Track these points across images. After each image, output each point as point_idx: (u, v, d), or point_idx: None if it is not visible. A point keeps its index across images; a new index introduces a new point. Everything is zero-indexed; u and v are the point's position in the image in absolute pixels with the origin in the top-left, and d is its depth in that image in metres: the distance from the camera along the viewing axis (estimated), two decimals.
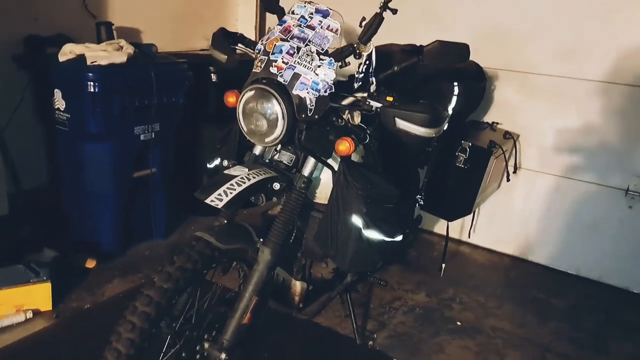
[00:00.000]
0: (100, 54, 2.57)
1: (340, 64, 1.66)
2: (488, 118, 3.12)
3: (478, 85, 2.60)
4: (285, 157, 1.80)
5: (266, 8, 1.92)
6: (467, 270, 3.11)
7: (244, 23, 3.98)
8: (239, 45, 1.89)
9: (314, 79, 1.59)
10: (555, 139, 3.00)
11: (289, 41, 1.63)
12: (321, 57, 1.60)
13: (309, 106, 1.61)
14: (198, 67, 3.07)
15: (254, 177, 1.62)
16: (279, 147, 1.79)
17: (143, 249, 2.97)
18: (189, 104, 2.97)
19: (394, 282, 2.84)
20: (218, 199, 1.52)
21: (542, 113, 3.01)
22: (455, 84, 2.35)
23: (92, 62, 2.52)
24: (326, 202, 1.79)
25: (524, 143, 3.09)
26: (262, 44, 1.68)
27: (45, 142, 2.87)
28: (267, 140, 1.65)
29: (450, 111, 2.38)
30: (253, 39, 3.88)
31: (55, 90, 2.62)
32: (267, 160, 1.82)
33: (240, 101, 1.66)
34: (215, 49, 1.89)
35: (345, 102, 1.74)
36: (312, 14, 1.65)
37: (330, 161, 1.75)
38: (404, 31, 3.25)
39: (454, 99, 2.35)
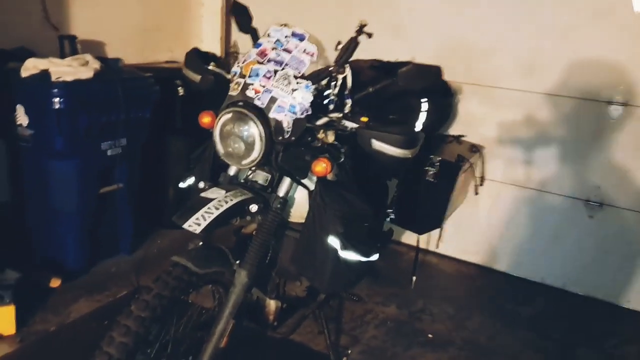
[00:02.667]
0: (66, 70, 2.51)
1: (316, 86, 1.67)
2: (454, 131, 3.19)
3: (445, 100, 2.65)
4: (261, 177, 1.79)
5: (240, 29, 1.91)
6: (436, 281, 3.17)
7: (208, 35, 3.95)
8: (212, 65, 1.88)
9: (291, 102, 1.59)
10: (518, 151, 3.10)
11: (265, 64, 1.63)
12: (298, 80, 1.61)
13: (286, 128, 1.61)
14: (164, 81, 3.03)
15: (231, 200, 1.61)
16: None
17: (109, 266, 2.91)
18: (155, 118, 2.93)
19: (364, 295, 2.86)
20: (196, 223, 1.51)
21: (505, 126, 3.10)
22: (424, 100, 2.39)
23: (57, 78, 2.46)
24: (301, 221, 1.79)
25: (488, 155, 3.17)
26: (238, 67, 1.68)
27: (6, 158, 2.78)
28: (244, 162, 1.64)
29: (419, 127, 2.41)
30: (218, 51, 3.91)
31: (18, 105, 2.55)
32: (242, 180, 1.81)
33: (217, 123, 1.65)
34: (188, 68, 1.88)
35: (320, 122, 1.76)
36: (288, 37, 1.66)
37: (305, 181, 1.76)
38: (372, 45, 3.30)
39: (423, 115, 2.39)
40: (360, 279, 1.87)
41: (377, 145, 1.68)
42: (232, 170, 1.81)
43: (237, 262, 1.71)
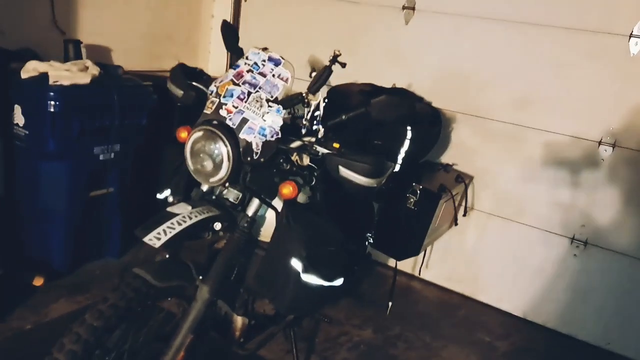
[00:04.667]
0: (64, 74, 2.58)
1: (290, 111, 1.71)
2: (445, 159, 3.21)
3: (432, 129, 2.68)
4: (232, 195, 1.83)
5: (226, 47, 1.96)
6: (417, 308, 3.16)
7: (216, 47, 4.02)
8: (195, 82, 1.93)
9: (262, 124, 1.63)
10: (507, 183, 3.10)
11: (240, 86, 1.67)
12: (270, 104, 1.65)
13: (255, 150, 1.65)
14: (166, 89, 3.08)
15: (195, 217, 1.65)
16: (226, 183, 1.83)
17: (94, 268, 2.96)
18: (152, 126, 2.98)
19: (342, 317, 2.87)
20: (156, 237, 1.54)
21: (496, 157, 3.11)
22: (409, 128, 2.41)
23: (54, 82, 2.53)
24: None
25: (478, 185, 3.18)
26: (215, 86, 1.72)
27: (2, 156, 2.84)
28: (211, 180, 1.68)
29: (403, 154, 2.44)
30: (224, 64, 3.96)
31: (15, 105, 2.63)
32: (214, 197, 1.84)
33: (188, 140, 1.69)
34: (172, 83, 1.93)
35: (294, 145, 1.79)
36: (264, 61, 1.70)
37: (275, 202, 1.79)
38: (370, 69, 3.36)
39: (407, 142, 2.42)
40: (324, 303, 1.90)
41: (344, 172, 1.71)
42: (205, 186, 1.85)
43: (200, 277, 1.74)
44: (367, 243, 2.53)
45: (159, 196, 1.97)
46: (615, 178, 2.79)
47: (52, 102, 2.51)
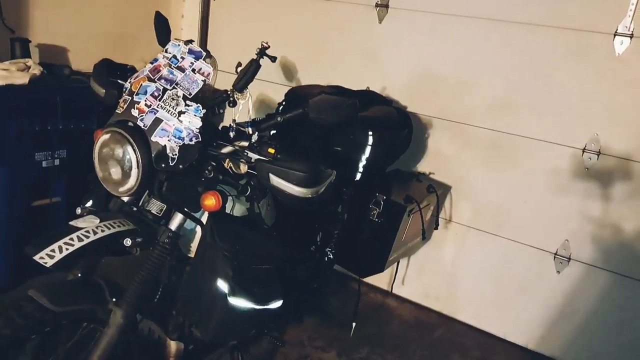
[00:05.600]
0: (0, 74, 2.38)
1: (213, 111, 1.50)
2: (421, 167, 3.00)
3: (398, 134, 2.45)
4: (155, 207, 1.61)
5: (160, 43, 1.76)
6: (389, 327, 2.93)
7: None
8: (122, 79, 1.72)
9: (177, 125, 1.42)
10: (487, 193, 2.88)
11: (155, 82, 1.47)
12: (187, 102, 1.44)
13: (170, 155, 1.44)
14: None
15: (102, 231, 1.44)
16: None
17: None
18: None
19: (305, 337, 2.65)
20: (49, 256, 1.34)
21: (475, 166, 2.89)
22: (370, 132, 2.20)
23: None
24: None
25: (456, 195, 2.96)
26: (129, 83, 1.51)
27: None
28: (120, 190, 1.47)
29: (364, 161, 2.23)
30: None
31: None
32: (134, 209, 1.63)
33: (95, 144, 1.48)
34: (94, 81, 1.72)
35: (225, 150, 1.58)
36: (184, 54, 1.49)
37: (200, 215, 1.58)
38: (342, 70, 3.15)
39: (368, 148, 2.20)
40: (257, 328, 1.67)
41: (275, 180, 1.50)
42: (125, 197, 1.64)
43: (114, 300, 1.53)
44: (326, 258, 2.31)
45: (78, 211, 1.74)
46: (600, 188, 2.56)
47: None
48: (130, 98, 1.47)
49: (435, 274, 3.10)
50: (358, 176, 2.24)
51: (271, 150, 1.54)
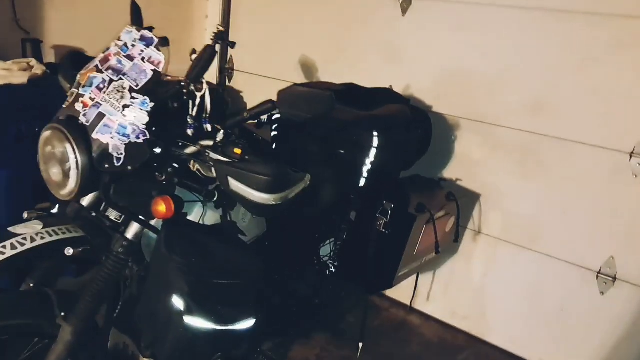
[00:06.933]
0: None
1: (167, 105, 1.33)
2: (447, 173, 2.73)
3: (410, 135, 2.21)
4: (114, 212, 1.47)
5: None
6: (408, 348, 2.67)
7: None
8: None
9: (121, 121, 1.26)
10: (520, 202, 2.57)
11: (103, 72, 1.32)
12: (134, 95, 1.27)
13: (115, 154, 1.28)
14: None
15: (42, 238, 1.30)
16: None
17: None
18: None
19: (312, 356, 2.44)
20: None
21: (506, 172, 2.59)
22: (376, 134, 1.97)
23: None
24: None
25: (485, 204, 2.67)
26: (80, 74, 1.37)
27: None
28: (62, 192, 1.33)
29: (369, 165, 2.00)
30: (215, 66, 3.66)
31: None
32: (94, 214, 1.49)
33: (39, 143, 1.34)
34: (60, 75, 1.60)
35: (188, 150, 1.41)
36: (135, 41, 1.34)
37: (156, 222, 1.42)
38: (363, 68, 2.93)
39: (373, 151, 1.98)
40: (223, 351, 1.48)
41: (234, 185, 1.31)
42: (85, 200, 1.50)
43: (62, 314, 1.39)
44: (327, 272, 2.10)
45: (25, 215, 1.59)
46: None
47: None
48: (76, 91, 1.33)
49: (462, 290, 2.81)
50: (362, 182, 2.02)
51: (237, 151, 1.35)
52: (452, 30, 2.66)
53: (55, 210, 1.62)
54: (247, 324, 1.46)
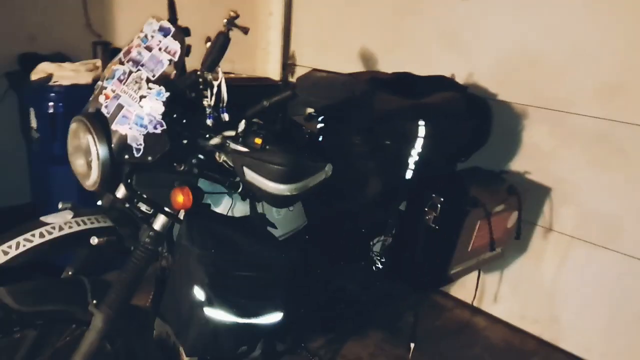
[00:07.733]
0: (67, 74, 2.48)
1: (184, 95, 1.32)
2: (514, 166, 2.55)
3: (463, 124, 2.07)
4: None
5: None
6: (470, 351, 2.52)
7: (275, 47, 3.72)
8: None
9: (138, 112, 1.27)
10: (596, 197, 2.34)
11: (124, 64, 1.33)
12: (150, 85, 1.28)
13: (135, 145, 1.29)
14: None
15: (70, 228, 1.33)
16: None
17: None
18: None
19: (365, 354, 2.37)
20: (4, 252, 1.26)
21: (581, 163, 2.37)
22: (422, 123, 1.86)
23: (54, 82, 2.43)
24: None
25: (557, 199, 2.46)
26: (107, 68, 1.40)
27: (28, 161, 2.84)
28: (87, 183, 1.35)
29: (415, 157, 1.90)
30: (278, 62, 3.67)
31: (30, 108, 2.57)
32: (127, 205, 1.52)
33: (68, 136, 1.39)
34: None
35: (213, 142, 1.40)
36: (154, 32, 1.34)
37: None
38: (420, 56, 2.81)
39: (419, 141, 1.87)
40: (249, 344, 1.46)
41: (250, 175, 1.27)
42: (119, 192, 1.53)
43: (95, 302, 1.42)
44: (374, 268, 2.02)
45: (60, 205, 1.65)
46: None
47: (51, 103, 2.42)
48: (101, 84, 1.36)
49: (533, 291, 2.61)
50: (409, 174, 1.92)
51: (258, 141, 1.32)
52: (515, 11, 2.47)
53: (100, 203, 1.67)
54: (273, 317, 1.43)
